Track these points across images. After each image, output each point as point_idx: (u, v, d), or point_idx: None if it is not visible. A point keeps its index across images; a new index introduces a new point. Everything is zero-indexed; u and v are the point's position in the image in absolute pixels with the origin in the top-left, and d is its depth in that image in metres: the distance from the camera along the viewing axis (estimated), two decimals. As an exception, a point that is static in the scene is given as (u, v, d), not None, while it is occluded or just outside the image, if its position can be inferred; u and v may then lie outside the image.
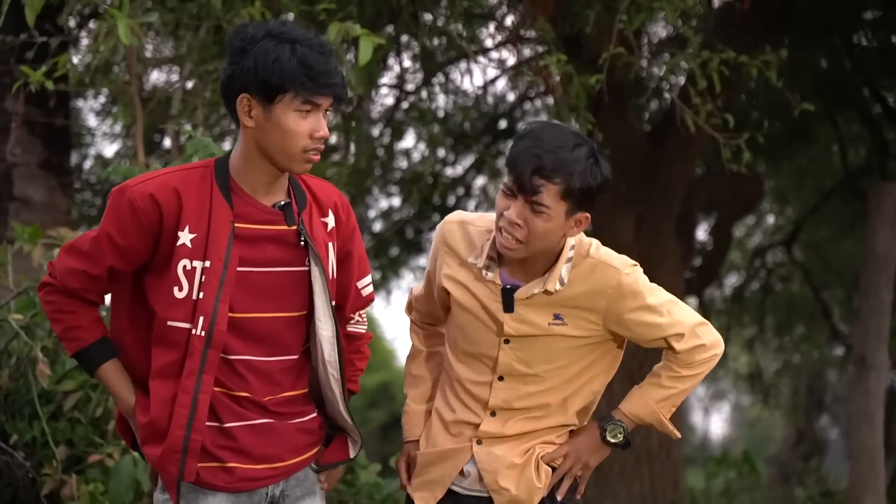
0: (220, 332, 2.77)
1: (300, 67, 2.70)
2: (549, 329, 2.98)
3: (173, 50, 6.56)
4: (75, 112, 8.39)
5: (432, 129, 8.71)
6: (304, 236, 2.85)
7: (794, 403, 16.39)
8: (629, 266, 3.00)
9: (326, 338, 2.92)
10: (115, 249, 2.78)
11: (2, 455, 4.39)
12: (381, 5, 6.21)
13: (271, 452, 2.87)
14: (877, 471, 7.10)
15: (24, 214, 6.11)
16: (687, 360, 3.00)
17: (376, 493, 5.53)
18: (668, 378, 3.01)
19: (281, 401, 2.88)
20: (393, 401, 17.39)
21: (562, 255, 2.96)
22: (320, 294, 2.89)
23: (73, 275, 2.83)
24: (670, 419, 3.05)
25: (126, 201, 2.77)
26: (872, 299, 7.11)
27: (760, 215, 13.45)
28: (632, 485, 7.98)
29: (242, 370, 2.83)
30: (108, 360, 2.89)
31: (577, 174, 2.81)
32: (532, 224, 2.85)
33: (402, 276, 12.09)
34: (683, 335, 2.99)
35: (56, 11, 5.51)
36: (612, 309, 2.97)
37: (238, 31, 2.78)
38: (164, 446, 2.77)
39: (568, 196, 2.83)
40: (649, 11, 5.89)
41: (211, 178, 2.82)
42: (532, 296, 2.97)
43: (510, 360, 3.01)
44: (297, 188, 2.90)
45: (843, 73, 9.52)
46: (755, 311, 13.44)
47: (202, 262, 2.77)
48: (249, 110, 2.75)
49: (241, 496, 2.85)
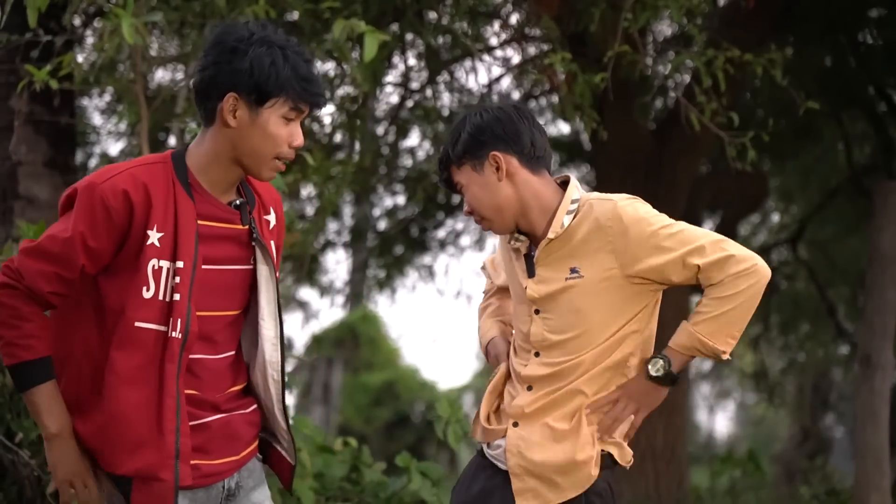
0: (193, 334, 2.75)
1: (294, 74, 2.72)
2: (567, 284, 3.00)
3: (178, 48, 6.57)
4: (80, 111, 8.38)
5: (437, 128, 8.70)
6: (256, 235, 2.86)
7: (800, 402, 16.38)
8: (626, 198, 3.02)
9: (269, 338, 2.91)
10: (87, 250, 2.70)
11: (7, 453, 4.40)
12: (386, 4, 6.21)
13: (228, 446, 2.87)
14: (882, 469, 7.09)
15: (29, 213, 6.11)
16: (718, 277, 2.90)
17: (381, 492, 5.53)
18: (705, 302, 2.93)
19: (227, 396, 2.88)
20: (397, 399, 17.39)
21: (560, 206, 3.03)
22: (265, 293, 2.89)
23: (45, 277, 2.72)
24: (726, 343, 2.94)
25: (98, 199, 2.70)
26: (877, 298, 7.10)
27: (765, 214, 13.45)
28: (637, 483, 7.98)
29: (197, 369, 2.81)
30: (52, 379, 2.77)
31: (452, 143, 3.07)
32: (470, 203, 3.07)
33: (406, 274, 12.09)
34: (704, 248, 2.92)
35: (61, 10, 5.51)
36: (619, 245, 2.96)
37: (226, 30, 2.76)
38: (158, 453, 2.72)
39: (459, 161, 3.06)
40: (654, 10, 5.89)
41: (171, 174, 2.78)
42: (545, 251, 3.02)
43: (541, 331, 3.03)
44: (245, 188, 2.91)
45: (848, 72, 9.50)
46: (760, 310, 13.31)
47: (172, 263, 2.73)
48: (235, 110, 2.74)
49: (198, 492, 2.82)
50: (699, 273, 2.92)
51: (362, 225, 11.37)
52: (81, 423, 2.79)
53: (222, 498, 2.88)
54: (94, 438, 2.78)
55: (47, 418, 2.77)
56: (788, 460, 15.61)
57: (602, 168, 8.65)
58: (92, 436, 2.78)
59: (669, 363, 2.98)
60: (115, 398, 2.73)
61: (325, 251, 11.38)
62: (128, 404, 2.73)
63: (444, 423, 5.33)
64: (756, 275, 2.91)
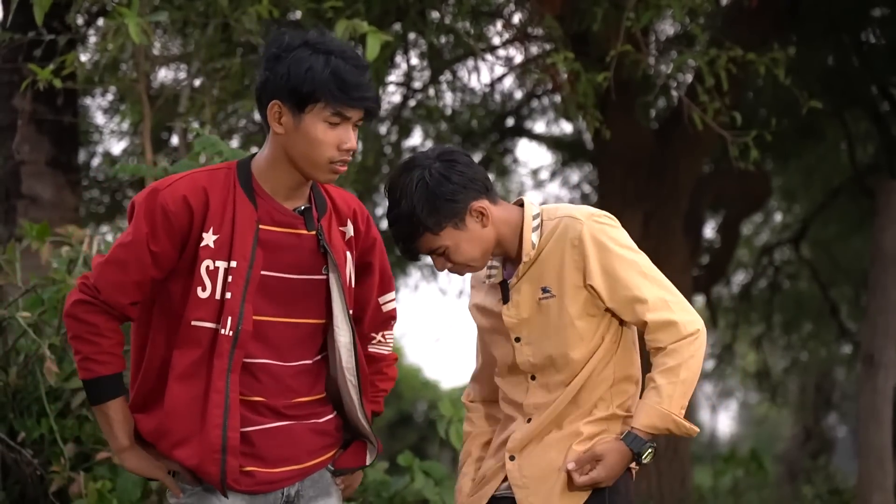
0: (245, 333, 2.77)
1: (332, 78, 2.70)
2: (540, 305, 2.97)
3: (181, 48, 6.57)
4: (83, 110, 8.40)
5: (440, 127, 8.71)
6: (323, 242, 2.85)
7: (802, 401, 16.38)
8: (595, 217, 2.97)
9: (344, 344, 2.91)
10: (151, 254, 2.75)
11: (10, 452, 4.40)
12: (389, 3, 6.21)
13: (288, 455, 2.87)
14: (885, 469, 7.10)
15: (32, 212, 6.11)
16: (664, 341, 2.89)
17: (383, 491, 5.53)
18: (659, 375, 2.91)
19: (295, 405, 2.88)
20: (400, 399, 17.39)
21: (524, 228, 2.99)
22: (338, 301, 2.89)
23: (122, 288, 2.77)
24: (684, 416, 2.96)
25: (159, 205, 2.75)
26: (880, 297, 7.11)
27: (768, 213, 13.45)
28: (639, 482, 7.98)
29: (259, 374, 2.82)
30: (122, 395, 2.85)
31: (418, 216, 2.91)
32: (454, 258, 2.97)
33: (408, 273, 12.10)
34: (647, 302, 2.90)
35: (64, 9, 5.52)
36: (581, 263, 2.93)
37: (275, 38, 2.78)
38: (201, 447, 2.76)
39: (435, 228, 2.93)
40: (657, 9, 5.89)
41: (234, 180, 2.81)
42: (518, 277, 2.99)
43: (526, 358, 3.00)
44: (318, 195, 2.90)
45: (851, 71, 9.50)
46: (763, 309, 13.43)
47: (226, 262, 2.76)
48: (279, 117, 2.75)
49: (256, 497, 2.85)
50: (646, 328, 2.92)
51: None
52: (142, 419, 2.85)
53: (281, 503, 2.89)
54: (151, 434, 2.84)
55: (118, 431, 2.85)
56: (791, 460, 15.62)
57: (605, 167, 8.65)
58: (150, 432, 2.84)
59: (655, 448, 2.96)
60: (169, 394, 2.78)
61: (328, 251, 11.37)
62: (178, 400, 2.78)
63: (447, 422, 5.33)
64: (699, 341, 2.92)
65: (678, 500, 8.16)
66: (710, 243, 12.07)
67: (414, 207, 2.91)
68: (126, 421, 2.85)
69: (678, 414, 2.90)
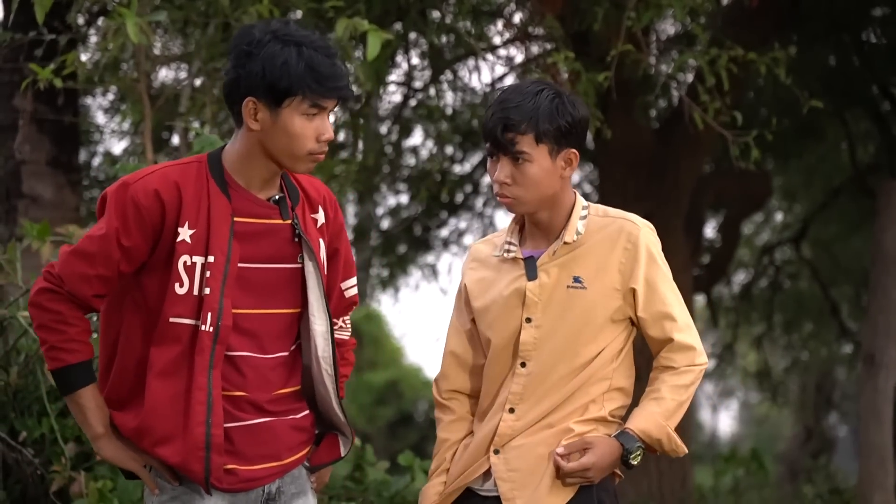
0: (226, 328, 2.76)
1: (308, 71, 2.71)
2: (567, 293, 2.95)
3: (182, 47, 6.57)
4: (84, 109, 8.39)
5: (440, 127, 8.71)
6: (299, 231, 2.86)
7: (803, 401, 16.38)
8: (650, 227, 3.01)
9: (320, 332, 2.91)
10: (121, 249, 2.74)
11: (11, 452, 4.40)
12: (389, 2, 6.21)
13: (269, 452, 2.86)
14: (886, 468, 7.10)
15: (32, 212, 6.11)
16: (680, 362, 2.94)
17: (384, 491, 5.54)
18: (666, 388, 2.93)
19: (275, 398, 2.87)
20: (401, 398, 17.40)
21: (574, 212, 2.99)
22: (314, 289, 2.89)
23: (86, 280, 2.76)
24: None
25: (129, 199, 2.74)
26: (881, 297, 7.11)
27: (769, 213, 13.44)
28: (640, 482, 7.98)
29: (242, 367, 2.81)
30: (94, 382, 2.83)
31: (543, 117, 2.89)
32: (521, 175, 2.91)
33: (409, 273, 12.10)
34: (677, 321, 2.94)
35: (65, 9, 5.52)
36: (627, 267, 2.95)
37: (242, 33, 2.78)
38: (185, 445, 2.74)
39: (543, 138, 2.90)
40: (658, 9, 5.89)
41: (206, 173, 2.80)
42: (553, 255, 2.97)
43: (531, 339, 2.96)
44: (289, 184, 2.91)
45: (851, 71, 9.51)
46: (763, 309, 13.43)
47: (203, 258, 2.75)
48: (255, 113, 2.75)
49: (237, 495, 2.84)
50: (668, 344, 2.95)
51: (365, 224, 11.37)
52: (121, 417, 2.83)
53: (262, 501, 2.88)
54: (132, 432, 2.82)
55: (92, 419, 2.83)
56: (792, 459, 15.62)
57: (605, 167, 8.65)
58: (131, 430, 2.82)
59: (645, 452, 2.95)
60: (150, 392, 2.77)
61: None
62: (159, 398, 2.76)
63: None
64: (702, 373, 2.97)
65: (679, 499, 8.16)
66: (710, 243, 12.07)
67: (538, 107, 2.89)
68: (99, 409, 2.83)
69: (672, 429, 2.92)
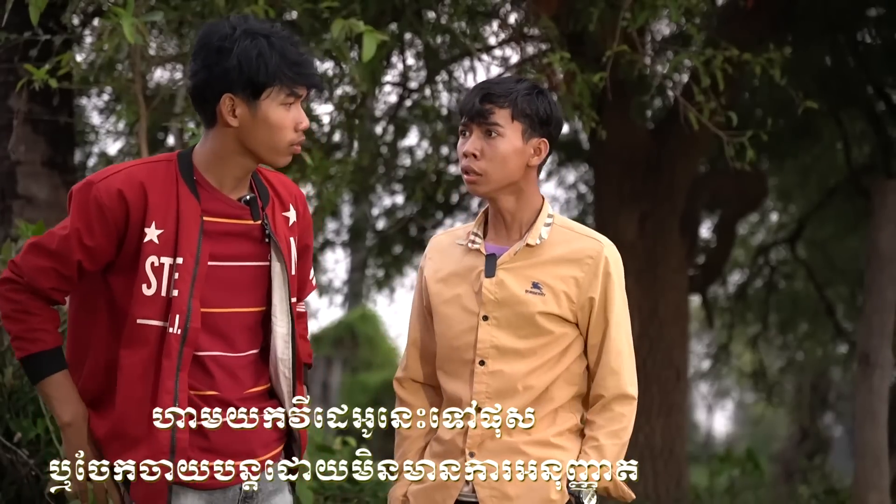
0: (194, 330, 2.76)
1: (282, 60, 2.73)
2: (525, 297, 2.94)
3: (177, 48, 6.56)
4: (79, 110, 8.38)
5: (436, 127, 8.70)
6: (269, 231, 2.86)
7: (798, 401, 16.37)
8: (613, 247, 3.00)
9: (281, 335, 2.91)
10: (83, 248, 2.74)
11: (6, 453, 4.40)
12: (385, 3, 6.21)
13: (243, 449, 2.86)
14: (881, 468, 7.10)
15: (28, 212, 6.10)
16: (609, 389, 2.96)
17: (380, 491, 5.54)
18: (603, 435, 2.96)
19: (246, 397, 2.87)
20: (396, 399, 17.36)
21: (541, 215, 3.00)
22: (278, 290, 2.89)
23: (44, 273, 2.76)
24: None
25: (92, 198, 2.73)
26: (876, 297, 7.10)
27: (764, 213, 13.45)
28: (635, 483, 7.97)
29: (211, 366, 2.81)
30: (63, 370, 2.82)
31: (522, 97, 2.92)
32: (490, 149, 2.92)
33: (405, 273, 12.10)
34: (612, 340, 2.96)
35: (60, 9, 5.51)
36: (586, 281, 2.95)
37: (206, 33, 2.80)
38: (149, 449, 2.73)
39: (519, 117, 2.92)
40: (653, 9, 5.89)
41: (175, 172, 2.80)
42: (514, 256, 2.97)
43: (488, 337, 2.96)
44: (259, 184, 2.91)
45: (847, 71, 9.51)
46: (759, 309, 13.44)
47: (172, 259, 2.75)
48: (233, 110, 2.75)
49: (214, 493, 2.84)
50: (598, 367, 2.97)
51: (361, 224, 11.38)
52: (97, 420, 2.83)
53: (239, 499, 2.87)
54: (105, 435, 2.81)
55: (59, 408, 2.82)
56: (787, 459, 15.61)
57: (601, 167, 8.65)
58: (104, 433, 2.81)
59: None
60: (120, 395, 2.76)
61: (323, 251, 11.38)
62: (128, 401, 2.76)
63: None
64: (635, 405, 3.00)
65: (674, 500, 8.16)
66: (706, 243, 12.07)
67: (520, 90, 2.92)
68: (68, 398, 2.81)
69: (615, 476, 2.95)
